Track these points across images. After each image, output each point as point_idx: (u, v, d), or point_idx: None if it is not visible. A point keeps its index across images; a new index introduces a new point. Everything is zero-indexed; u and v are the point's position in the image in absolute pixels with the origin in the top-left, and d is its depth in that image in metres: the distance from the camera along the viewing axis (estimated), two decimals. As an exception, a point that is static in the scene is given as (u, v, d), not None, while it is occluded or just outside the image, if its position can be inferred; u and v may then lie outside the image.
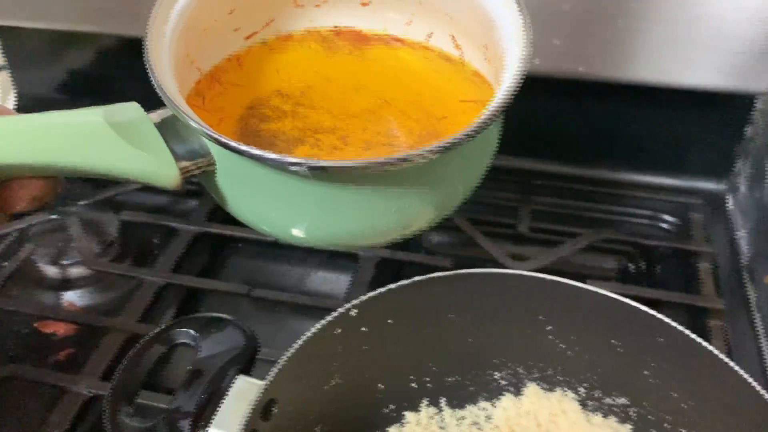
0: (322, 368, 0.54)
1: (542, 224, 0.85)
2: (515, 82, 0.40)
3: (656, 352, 0.54)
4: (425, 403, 0.62)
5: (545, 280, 0.55)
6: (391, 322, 0.56)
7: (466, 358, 0.61)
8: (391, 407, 0.61)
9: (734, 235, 0.89)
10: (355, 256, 0.78)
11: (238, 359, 0.50)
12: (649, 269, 0.85)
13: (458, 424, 0.62)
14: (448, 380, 0.62)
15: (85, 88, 1.05)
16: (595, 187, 0.90)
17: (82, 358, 0.71)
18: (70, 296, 0.82)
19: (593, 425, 0.60)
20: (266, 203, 0.43)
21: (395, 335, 0.57)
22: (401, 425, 0.61)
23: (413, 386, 0.62)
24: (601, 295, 0.55)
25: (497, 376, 0.62)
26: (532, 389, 0.62)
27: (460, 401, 0.63)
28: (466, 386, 0.63)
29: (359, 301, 0.53)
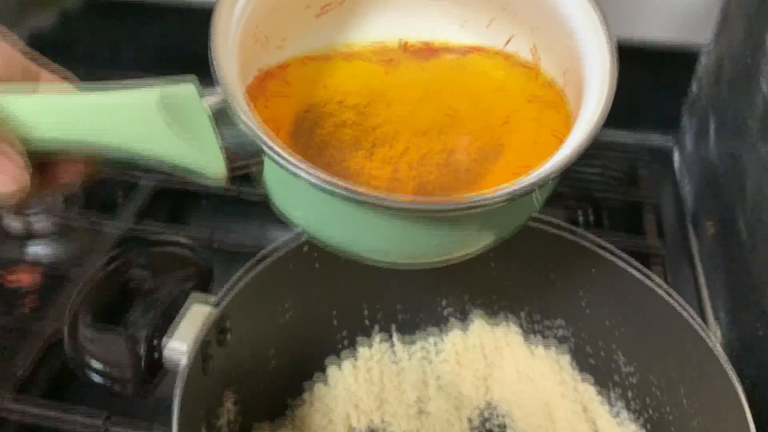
0: (276, 301, 0.57)
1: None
2: (595, 127, 0.37)
3: (590, 282, 0.57)
4: (378, 339, 0.65)
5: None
6: (342, 259, 0.59)
7: (414, 286, 0.64)
8: (345, 342, 0.65)
9: (680, 190, 0.93)
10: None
11: (193, 286, 0.52)
12: (597, 221, 0.88)
13: (409, 358, 0.65)
14: (398, 307, 0.65)
15: (50, 50, 1.05)
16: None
17: (45, 307, 0.73)
18: (33, 248, 0.83)
19: (535, 356, 0.63)
20: (311, 216, 0.41)
21: (346, 270, 0.60)
22: (355, 360, 0.65)
23: (365, 313, 0.65)
24: (541, 231, 0.58)
25: (444, 303, 0.66)
26: (477, 322, 0.65)
27: (410, 330, 0.66)
28: (415, 314, 0.66)
29: (312, 236, 0.56)
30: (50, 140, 0.37)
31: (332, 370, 0.63)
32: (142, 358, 0.48)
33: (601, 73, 0.39)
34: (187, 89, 0.38)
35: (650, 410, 0.57)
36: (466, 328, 0.66)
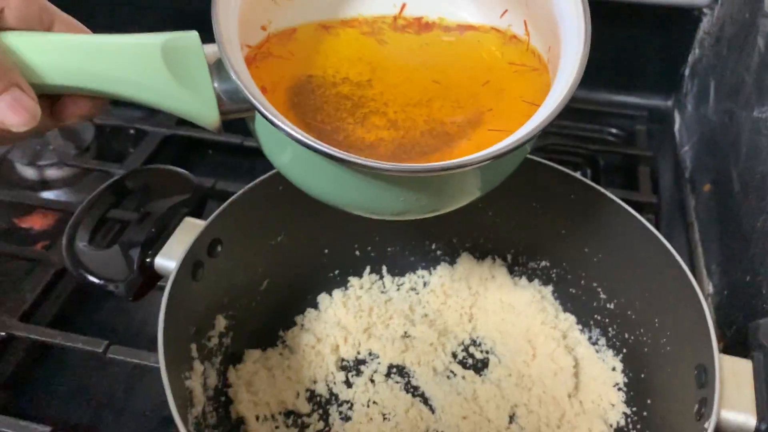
0: (267, 222, 0.59)
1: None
2: (566, 97, 0.39)
3: (569, 209, 0.59)
4: (368, 270, 0.67)
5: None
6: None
7: (405, 229, 0.66)
8: (336, 272, 0.67)
9: (679, 151, 0.94)
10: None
11: (186, 203, 0.55)
12: (594, 178, 0.90)
13: (398, 289, 0.68)
14: (389, 250, 0.68)
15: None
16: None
17: (56, 245, 0.76)
18: (46, 194, 0.86)
19: (519, 287, 0.65)
20: (294, 166, 0.43)
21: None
22: (345, 289, 0.67)
23: (357, 254, 0.67)
24: (532, 172, 0.59)
25: (434, 246, 0.67)
26: (465, 258, 0.67)
27: (400, 269, 0.68)
28: (406, 256, 0.68)
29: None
30: (59, 82, 0.40)
31: (323, 297, 0.65)
32: (134, 262, 0.50)
33: (575, 54, 0.41)
34: (190, 36, 0.41)
35: (626, 334, 0.59)
36: (453, 262, 0.68)
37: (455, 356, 0.62)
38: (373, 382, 0.60)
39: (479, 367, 0.61)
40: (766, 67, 0.72)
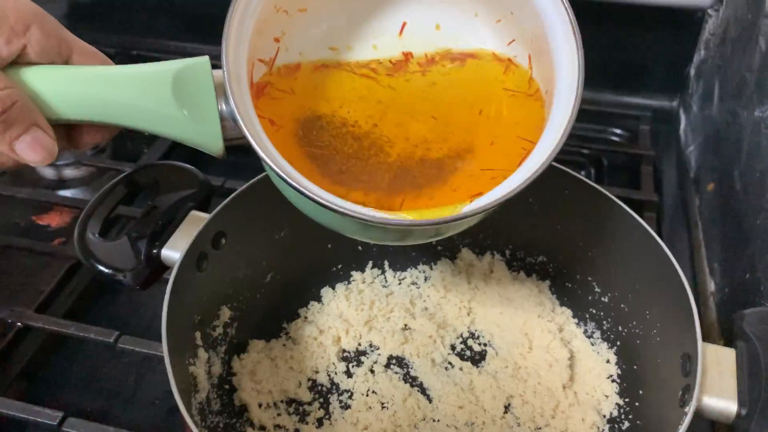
0: (271, 217, 0.61)
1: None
2: (556, 147, 0.40)
3: (565, 205, 0.60)
4: (370, 264, 0.69)
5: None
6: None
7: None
8: (339, 266, 0.69)
9: (685, 152, 0.95)
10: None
11: (192, 197, 0.57)
12: (597, 176, 0.91)
13: (399, 283, 0.69)
14: (391, 248, 0.69)
15: (87, 20, 1.11)
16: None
17: (72, 240, 0.78)
18: (64, 193, 0.89)
19: (517, 282, 0.66)
20: (290, 194, 0.46)
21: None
22: (348, 283, 0.69)
23: (359, 249, 0.69)
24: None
25: (435, 241, 0.69)
26: (465, 253, 0.69)
27: (402, 264, 0.70)
28: (407, 251, 0.70)
29: (303, 156, 0.60)
30: (75, 116, 0.43)
31: (326, 290, 0.67)
32: (141, 253, 0.53)
33: (565, 106, 0.42)
34: (201, 61, 0.44)
35: (620, 327, 0.60)
36: (453, 258, 0.69)
37: (453, 348, 0.64)
38: (372, 372, 0.62)
39: (476, 359, 0.63)
40: (767, 67, 0.73)
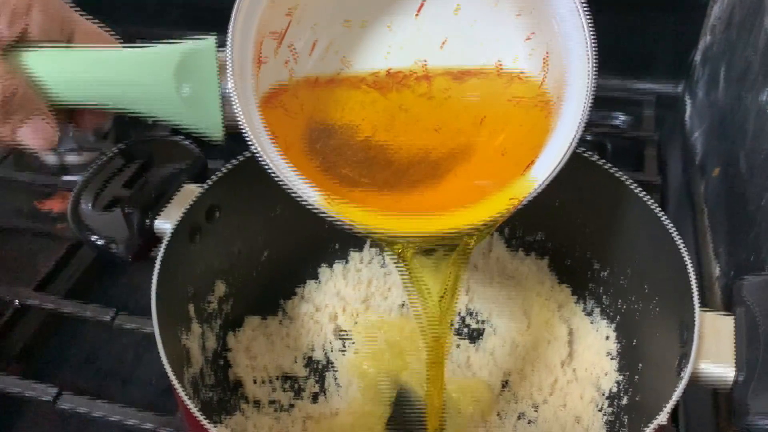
0: (266, 192, 0.60)
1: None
2: (561, 163, 0.41)
3: (563, 180, 0.59)
4: (368, 244, 0.69)
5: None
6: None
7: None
8: (336, 245, 0.68)
9: (690, 137, 0.94)
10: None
11: (187, 171, 0.57)
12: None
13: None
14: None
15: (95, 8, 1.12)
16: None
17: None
18: (66, 178, 0.90)
19: (516, 260, 0.66)
20: None
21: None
22: (346, 262, 0.68)
23: (358, 239, 0.68)
24: None
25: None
26: (463, 232, 0.68)
27: (400, 244, 0.69)
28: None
29: (298, 131, 0.60)
30: (76, 100, 0.43)
31: (323, 269, 0.67)
32: (134, 224, 0.52)
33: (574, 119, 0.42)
34: (207, 42, 0.43)
35: (619, 302, 0.59)
36: (452, 237, 0.68)
37: (451, 326, 0.63)
38: (369, 349, 0.61)
39: (474, 336, 0.62)
40: (772, 47, 0.72)
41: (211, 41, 0.43)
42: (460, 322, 0.63)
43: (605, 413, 0.56)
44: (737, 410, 0.41)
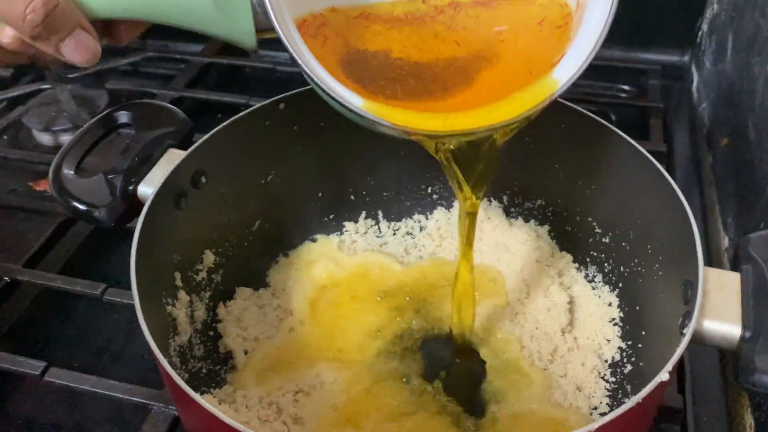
0: (254, 159, 0.59)
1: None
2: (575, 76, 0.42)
3: (561, 140, 0.57)
4: (363, 215, 0.67)
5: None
6: (322, 125, 0.61)
7: (402, 173, 0.66)
8: (331, 216, 0.66)
9: (697, 108, 0.92)
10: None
11: (171, 135, 0.55)
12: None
13: (393, 234, 0.67)
14: (385, 195, 0.67)
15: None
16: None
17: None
18: (60, 158, 0.88)
19: (514, 228, 0.64)
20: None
21: (327, 140, 0.61)
22: (341, 234, 0.66)
23: (352, 198, 0.66)
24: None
25: (430, 190, 0.66)
26: (460, 200, 0.66)
27: (396, 215, 0.67)
28: (402, 201, 0.67)
29: (287, 95, 0.58)
30: (115, 15, 0.44)
31: (319, 236, 0.65)
32: (117, 189, 0.51)
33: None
34: None
35: (621, 267, 0.57)
36: (450, 207, 0.67)
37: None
38: (364, 321, 0.59)
39: (473, 305, 0.60)
40: (780, 9, 0.70)
41: None
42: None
43: (608, 381, 0.54)
44: (743, 368, 0.39)
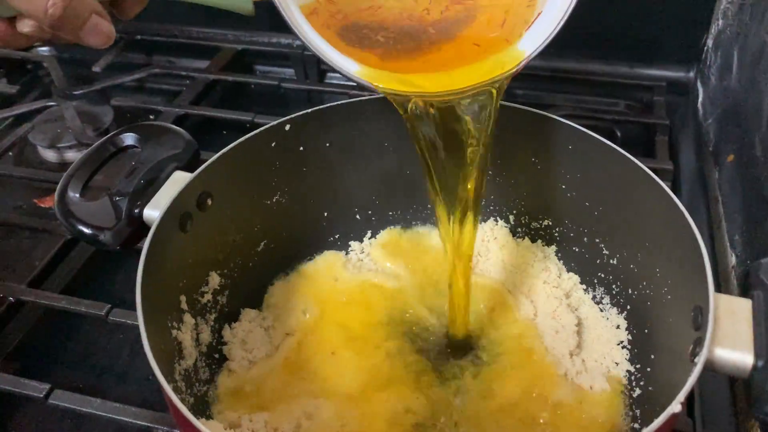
0: (261, 180, 0.59)
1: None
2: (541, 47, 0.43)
3: (568, 161, 0.57)
4: (369, 234, 0.67)
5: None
6: (328, 145, 0.60)
7: (408, 192, 0.65)
8: (336, 236, 0.66)
9: (703, 124, 0.91)
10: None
11: (177, 157, 0.55)
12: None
13: (400, 253, 0.66)
14: (390, 214, 0.67)
15: None
16: (566, 75, 0.93)
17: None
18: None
19: (521, 248, 0.63)
20: None
21: (334, 160, 0.61)
22: (346, 253, 0.66)
23: (357, 218, 0.66)
24: (515, 108, 0.58)
25: (436, 210, 0.66)
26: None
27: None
28: (408, 220, 0.67)
29: (294, 116, 0.58)
30: None
31: (325, 255, 0.65)
32: (122, 212, 0.51)
33: None
34: None
35: (629, 290, 0.56)
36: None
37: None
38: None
39: (479, 327, 0.60)
40: (787, 26, 0.69)
41: None
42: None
43: (617, 405, 0.54)
44: (756, 398, 0.39)
